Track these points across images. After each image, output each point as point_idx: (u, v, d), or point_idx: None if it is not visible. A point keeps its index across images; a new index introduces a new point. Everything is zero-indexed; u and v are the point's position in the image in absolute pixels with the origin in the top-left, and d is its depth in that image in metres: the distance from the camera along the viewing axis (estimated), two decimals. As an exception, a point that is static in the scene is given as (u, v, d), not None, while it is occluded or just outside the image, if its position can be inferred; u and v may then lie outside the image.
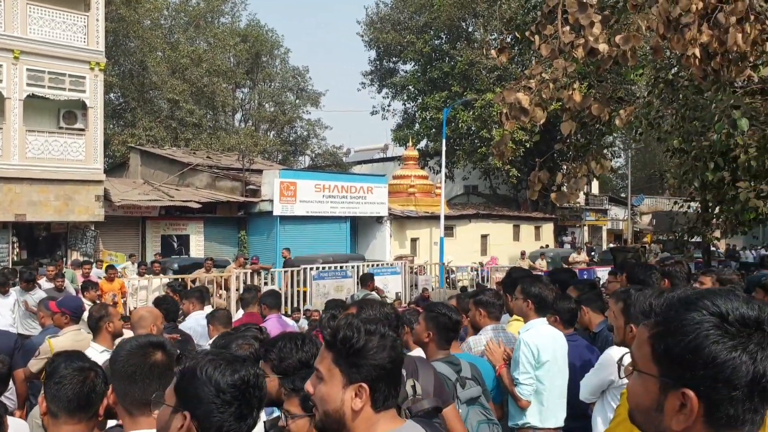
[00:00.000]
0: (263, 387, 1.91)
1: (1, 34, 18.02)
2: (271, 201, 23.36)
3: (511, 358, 4.14)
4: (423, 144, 38.07)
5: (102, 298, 10.72)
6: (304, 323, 11.42)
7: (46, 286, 11.18)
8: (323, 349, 1.86)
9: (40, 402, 2.54)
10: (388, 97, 40.61)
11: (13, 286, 10.27)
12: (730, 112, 5.54)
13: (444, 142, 27.09)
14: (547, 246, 31.47)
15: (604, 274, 16.85)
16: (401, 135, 37.78)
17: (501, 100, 5.59)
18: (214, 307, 9.00)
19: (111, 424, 2.57)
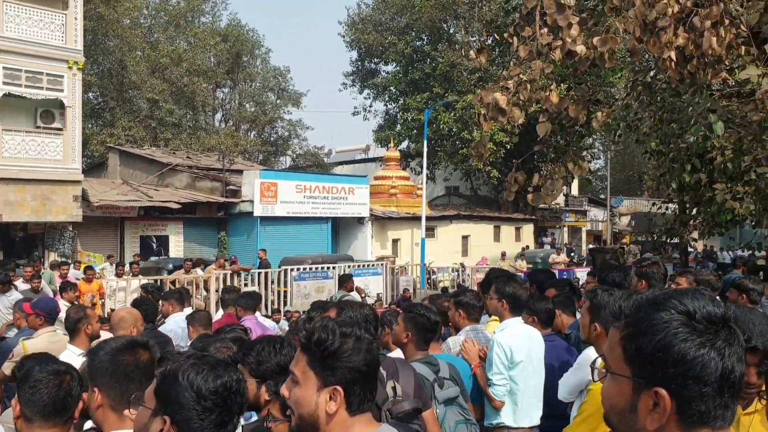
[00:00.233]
0: (245, 393, 1.88)
1: (-23, 32, 17.79)
2: (251, 202, 23.24)
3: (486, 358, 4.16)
4: (404, 145, 38.10)
5: (80, 300, 10.59)
6: (285, 325, 11.37)
7: (23, 287, 11.03)
8: (298, 351, 1.84)
9: (13, 405, 2.48)
10: (369, 97, 40.64)
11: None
12: (707, 115, 5.61)
13: (425, 143, 27.16)
14: (528, 247, 31.63)
15: (583, 274, 17.01)
16: (383, 136, 37.79)
17: (479, 100, 5.63)
18: (193, 309, 8.92)
19: (88, 425, 2.54)
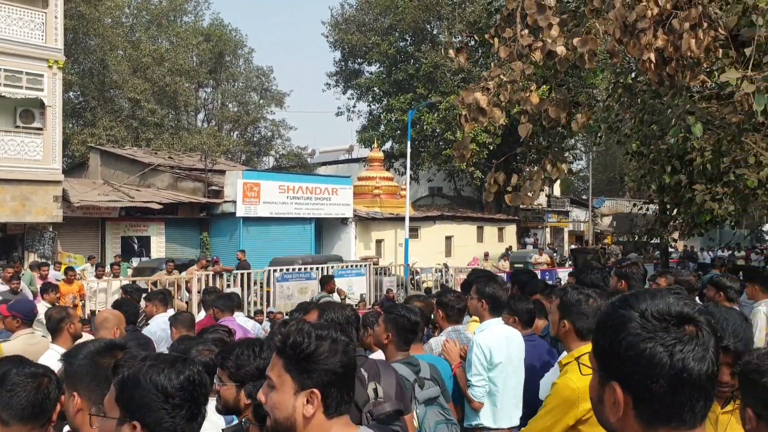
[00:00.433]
0: (207, 382, 1.89)
1: (-45, 30, 17.58)
2: (234, 202, 23.12)
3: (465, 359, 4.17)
4: (388, 146, 38.12)
5: (60, 301, 10.51)
6: (268, 326, 11.32)
7: (2, 288, 10.92)
8: (274, 356, 1.83)
9: (-11, 409, 2.46)
10: (353, 98, 40.63)
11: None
12: (685, 116, 5.67)
13: (409, 143, 27.17)
14: (511, 247, 31.76)
15: (565, 275, 17.11)
16: (366, 136, 37.77)
17: (460, 101, 5.65)
18: (175, 310, 8.87)
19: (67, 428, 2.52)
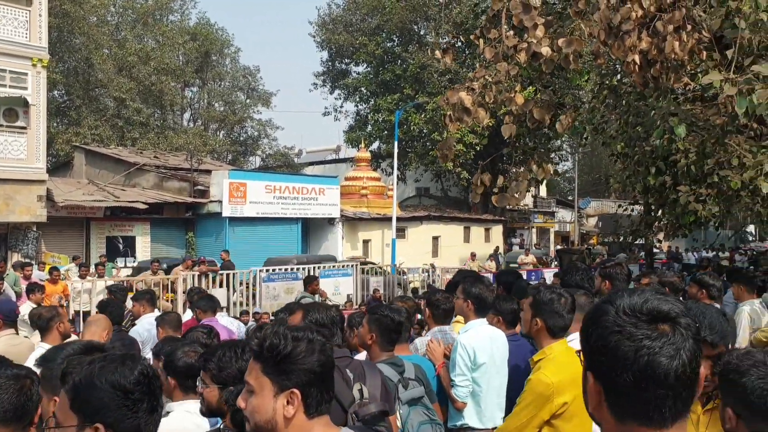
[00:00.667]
0: (158, 374, 1.89)
1: (-63, 28, 17.38)
2: (220, 202, 23.02)
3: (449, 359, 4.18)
4: (375, 146, 38.13)
5: (45, 301, 10.45)
6: (254, 326, 11.28)
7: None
8: (251, 361, 1.82)
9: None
10: (340, 98, 40.56)
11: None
12: (669, 118, 5.71)
13: (396, 144, 27.20)
14: (498, 248, 31.85)
15: (550, 275, 17.18)
16: (353, 136, 37.75)
17: (446, 101, 5.66)
18: (161, 310, 8.83)
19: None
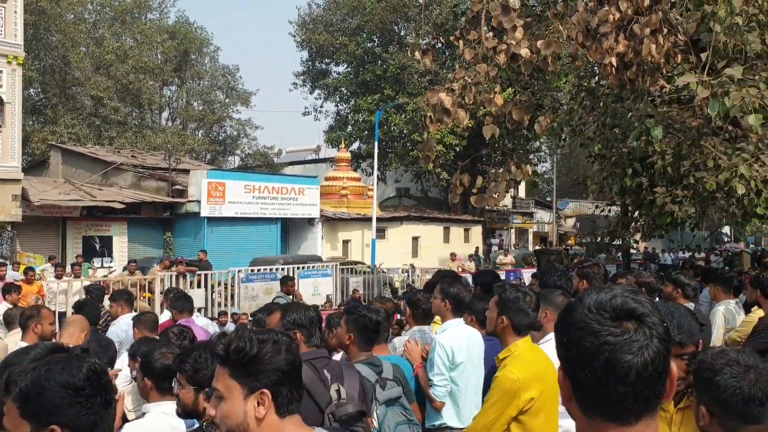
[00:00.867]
0: (107, 369, 1.87)
1: None
2: (198, 202, 22.87)
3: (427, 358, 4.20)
4: (355, 146, 38.10)
5: (21, 301, 10.32)
6: (231, 327, 11.23)
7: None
8: (218, 367, 1.81)
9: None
10: (320, 98, 40.47)
11: None
12: (646, 120, 5.77)
13: (376, 144, 27.20)
14: (477, 249, 32.00)
15: (528, 275, 17.27)
16: (334, 136, 37.69)
17: (426, 102, 5.68)
18: (138, 310, 8.75)
19: None
